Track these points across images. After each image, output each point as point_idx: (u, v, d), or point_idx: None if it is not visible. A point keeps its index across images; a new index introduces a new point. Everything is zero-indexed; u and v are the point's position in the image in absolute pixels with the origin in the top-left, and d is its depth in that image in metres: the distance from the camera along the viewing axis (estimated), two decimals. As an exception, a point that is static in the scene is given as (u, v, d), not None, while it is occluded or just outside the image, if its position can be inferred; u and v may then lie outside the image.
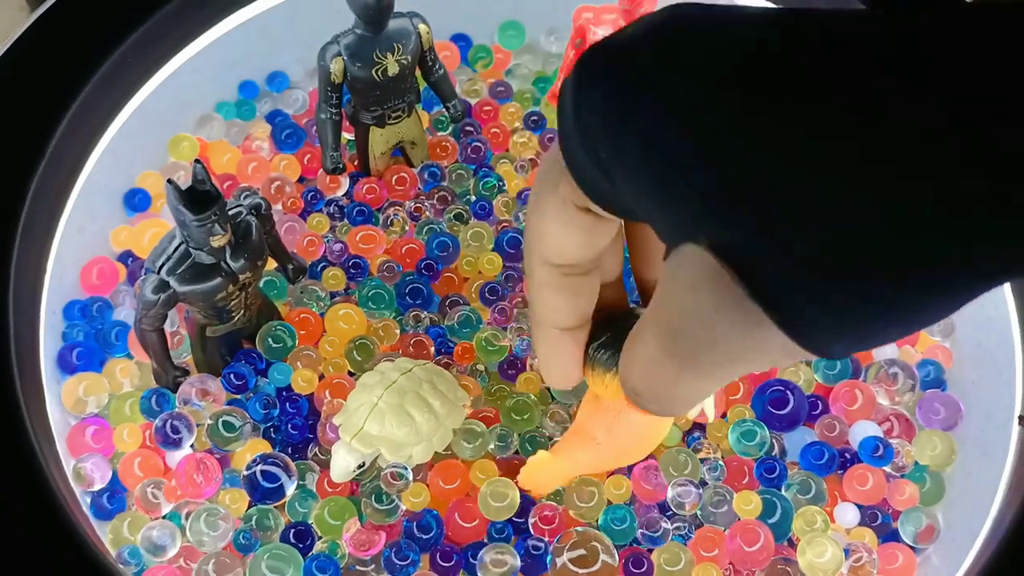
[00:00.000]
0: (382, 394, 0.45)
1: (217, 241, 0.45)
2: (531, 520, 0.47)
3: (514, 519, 0.47)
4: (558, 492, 0.48)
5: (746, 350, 0.24)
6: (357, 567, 0.46)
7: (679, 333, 0.25)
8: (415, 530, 0.47)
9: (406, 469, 0.47)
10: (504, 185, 0.59)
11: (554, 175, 0.29)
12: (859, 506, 0.49)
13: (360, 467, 0.46)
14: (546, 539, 0.46)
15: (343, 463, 0.46)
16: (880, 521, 0.49)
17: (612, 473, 0.48)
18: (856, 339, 0.23)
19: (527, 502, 0.47)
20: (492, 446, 0.49)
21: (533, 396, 0.50)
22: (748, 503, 0.47)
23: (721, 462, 0.49)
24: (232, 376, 0.50)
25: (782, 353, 0.24)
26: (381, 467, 0.47)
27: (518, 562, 0.45)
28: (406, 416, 0.45)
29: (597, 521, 0.47)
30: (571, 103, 0.26)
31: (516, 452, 0.49)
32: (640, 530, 0.47)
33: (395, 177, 0.59)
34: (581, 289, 0.33)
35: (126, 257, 0.57)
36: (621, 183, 0.26)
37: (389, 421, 0.45)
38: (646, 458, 0.48)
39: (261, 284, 0.52)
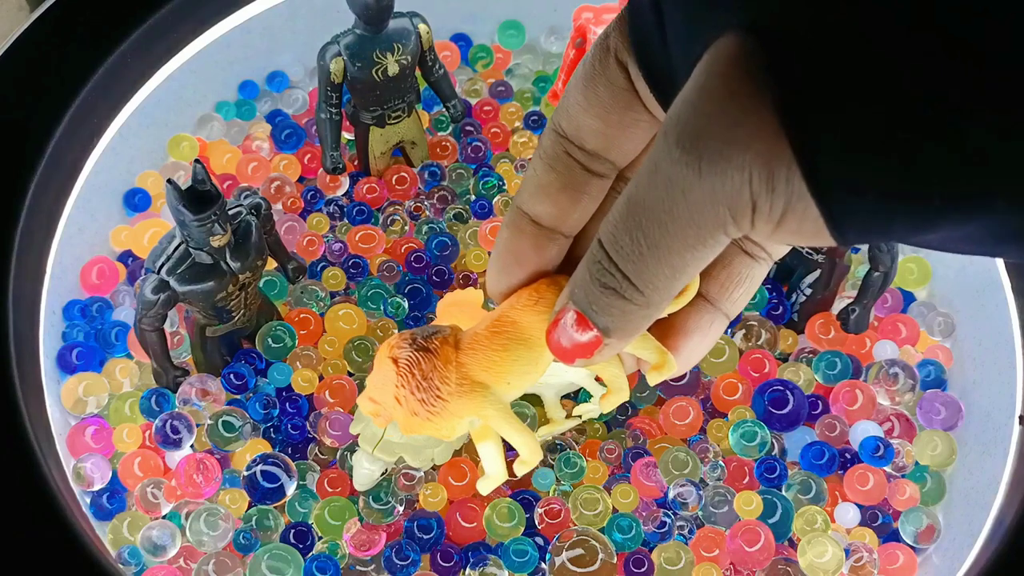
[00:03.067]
0: None
1: (217, 241, 0.45)
2: (537, 513, 0.47)
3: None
4: (565, 493, 0.48)
5: (733, 144, 0.21)
6: (357, 567, 0.46)
7: (674, 120, 0.22)
8: (415, 530, 0.47)
9: (419, 470, 0.47)
10: (504, 185, 0.59)
11: (609, 28, 0.28)
12: (860, 506, 0.49)
13: (383, 473, 0.46)
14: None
15: (366, 472, 0.46)
16: (881, 521, 0.49)
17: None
18: (860, 166, 0.20)
19: (532, 499, 0.47)
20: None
21: (531, 408, 0.50)
22: (749, 503, 0.47)
23: (721, 462, 0.49)
24: (232, 376, 0.50)
25: (776, 171, 0.21)
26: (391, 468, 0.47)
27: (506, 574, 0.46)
28: None
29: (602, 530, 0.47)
30: None
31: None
32: (643, 525, 0.47)
33: (395, 177, 0.59)
34: (574, 181, 0.29)
35: (126, 257, 0.57)
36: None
37: None
38: (646, 456, 0.48)
39: (261, 284, 0.52)
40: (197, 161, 0.44)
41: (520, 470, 0.34)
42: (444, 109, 0.60)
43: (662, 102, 0.27)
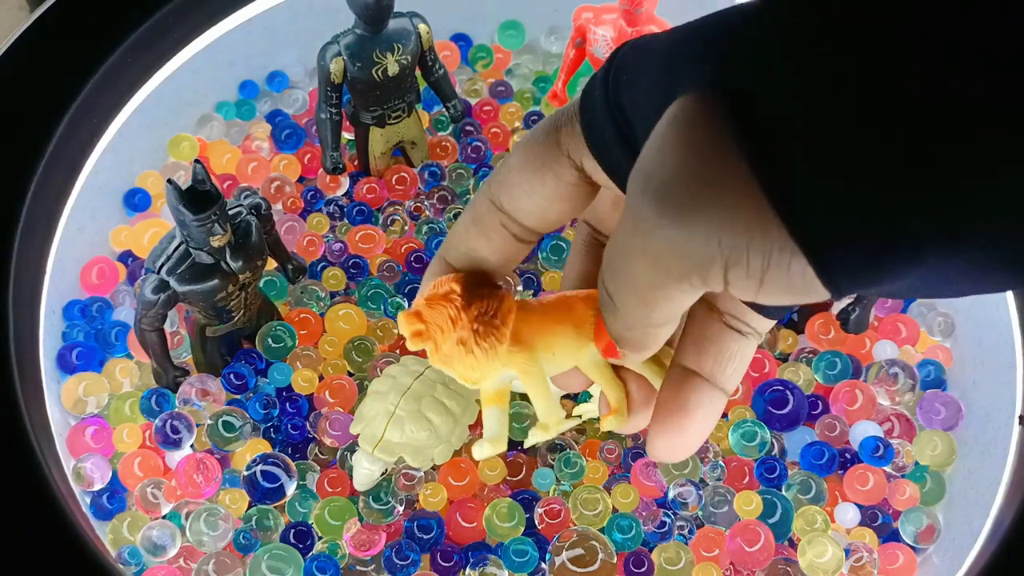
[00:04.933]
0: (399, 401, 0.45)
1: (217, 241, 0.45)
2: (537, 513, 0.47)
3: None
4: (565, 493, 0.48)
5: (723, 205, 0.21)
6: (357, 567, 0.46)
7: (653, 170, 0.22)
8: (415, 530, 0.47)
9: (419, 470, 0.47)
10: (504, 185, 0.59)
11: (557, 119, 0.28)
12: (859, 506, 0.49)
13: (383, 473, 0.46)
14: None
15: (366, 472, 0.46)
16: (880, 521, 0.49)
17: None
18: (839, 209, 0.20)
19: (532, 499, 0.48)
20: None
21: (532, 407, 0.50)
22: (749, 503, 0.47)
23: (721, 462, 0.49)
24: (232, 376, 0.50)
25: (750, 226, 0.21)
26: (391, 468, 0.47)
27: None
28: (425, 421, 0.45)
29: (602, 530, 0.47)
30: (607, 61, 0.26)
31: (521, 449, 0.50)
32: (643, 525, 0.47)
33: (395, 177, 0.59)
34: (503, 246, 0.30)
35: (126, 257, 0.57)
36: (631, 92, 0.25)
37: (409, 427, 0.45)
38: (646, 456, 0.48)
39: (261, 284, 0.52)
40: (197, 161, 0.44)
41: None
42: (444, 109, 0.60)
43: (620, 182, 0.27)
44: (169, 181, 0.43)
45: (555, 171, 0.28)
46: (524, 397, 0.50)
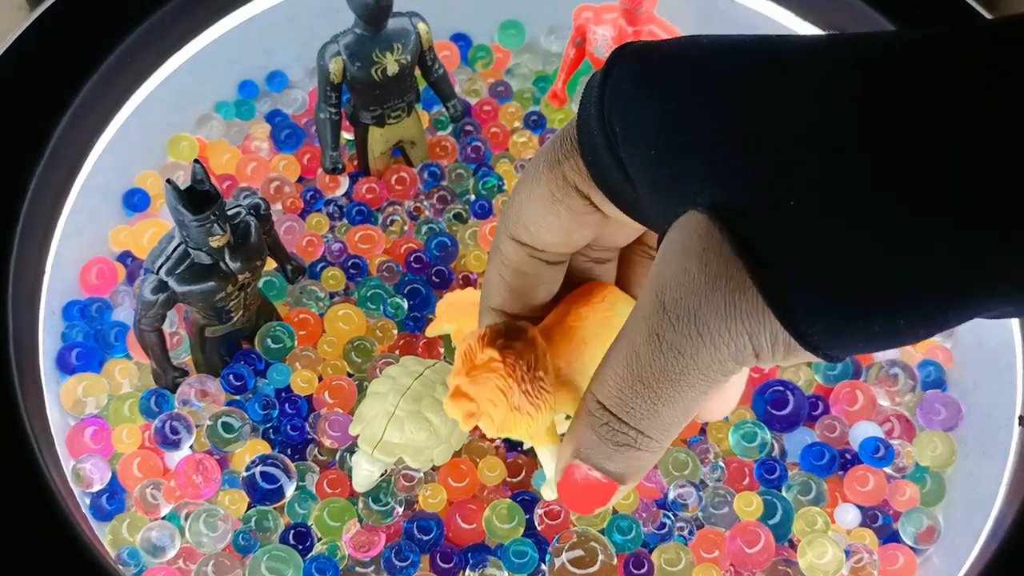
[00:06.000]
0: (398, 402, 0.45)
1: (216, 241, 0.45)
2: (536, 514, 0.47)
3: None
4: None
5: (727, 319, 0.24)
6: (357, 568, 0.46)
7: (667, 298, 0.25)
8: (415, 531, 0.47)
9: (418, 471, 0.47)
10: (504, 185, 0.59)
11: (558, 152, 0.29)
12: (860, 507, 0.49)
13: (382, 474, 0.46)
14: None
15: (366, 473, 0.46)
16: (881, 522, 0.49)
17: None
18: (838, 319, 0.23)
19: (532, 500, 0.47)
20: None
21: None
22: (749, 504, 0.47)
23: (721, 463, 0.49)
24: (231, 377, 0.50)
25: (756, 332, 0.24)
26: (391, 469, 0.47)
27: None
28: (424, 421, 0.45)
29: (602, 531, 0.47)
30: (600, 80, 0.27)
31: (521, 450, 0.49)
32: (643, 526, 0.47)
33: (395, 177, 0.59)
34: (540, 277, 0.32)
35: (125, 257, 0.56)
36: (630, 150, 0.26)
37: (408, 428, 0.45)
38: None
39: (260, 284, 0.52)
40: (196, 161, 0.44)
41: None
42: (444, 109, 0.60)
43: (633, 215, 0.29)
44: (168, 181, 0.43)
45: (567, 204, 0.29)
46: None
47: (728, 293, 0.24)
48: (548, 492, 0.33)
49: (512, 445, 0.50)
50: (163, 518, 0.48)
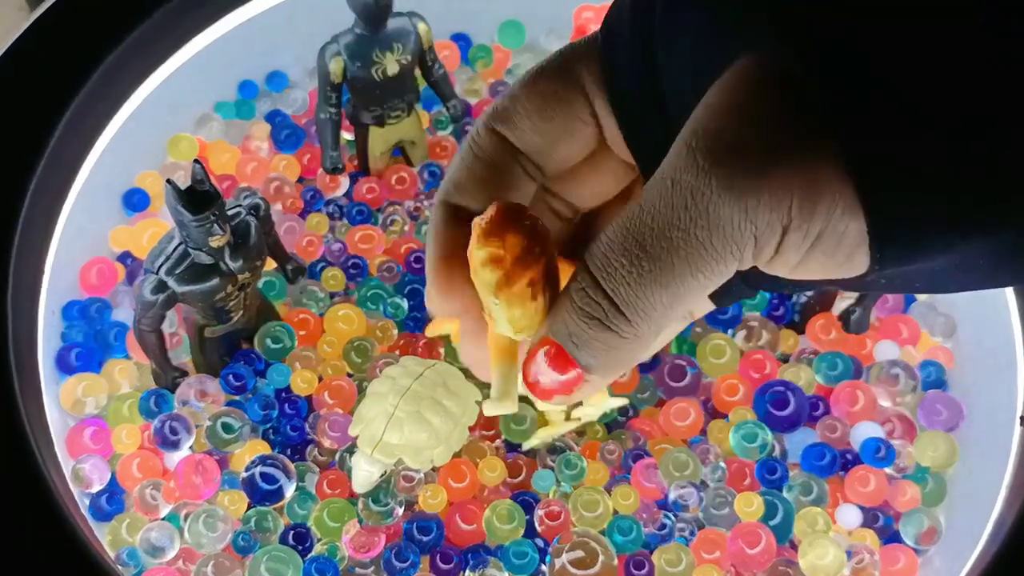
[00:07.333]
0: (398, 403, 0.45)
1: (216, 241, 0.45)
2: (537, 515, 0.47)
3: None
4: (565, 495, 0.48)
5: (802, 166, 0.20)
6: (357, 569, 0.46)
7: (700, 138, 0.21)
8: (415, 532, 0.46)
9: (418, 472, 0.47)
10: (504, 185, 0.59)
11: (572, 52, 0.27)
12: (861, 507, 0.49)
13: (382, 475, 0.46)
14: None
15: (365, 474, 0.46)
16: (882, 522, 0.49)
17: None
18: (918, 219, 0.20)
19: (532, 501, 0.47)
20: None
21: (532, 409, 0.50)
22: (749, 505, 0.47)
23: (722, 463, 0.49)
24: (231, 377, 0.50)
25: (822, 187, 0.20)
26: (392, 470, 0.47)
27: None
28: (424, 422, 0.45)
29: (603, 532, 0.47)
30: None
31: (521, 451, 0.49)
32: (644, 527, 0.47)
33: (395, 177, 0.59)
34: (506, 174, 0.27)
35: (125, 257, 0.56)
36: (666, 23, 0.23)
37: (408, 429, 0.45)
38: (646, 458, 0.48)
39: (260, 284, 0.52)
40: (196, 161, 0.44)
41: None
42: (444, 109, 0.60)
43: (629, 141, 0.26)
44: (168, 181, 0.43)
45: (567, 103, 0.26)
46: (523, 398, 0.50)
47: (785, 135, 0.20)
48: (488, 408, 0.29)
49: (512, 446, 0.50)
50: (163, 519, 0.47)
